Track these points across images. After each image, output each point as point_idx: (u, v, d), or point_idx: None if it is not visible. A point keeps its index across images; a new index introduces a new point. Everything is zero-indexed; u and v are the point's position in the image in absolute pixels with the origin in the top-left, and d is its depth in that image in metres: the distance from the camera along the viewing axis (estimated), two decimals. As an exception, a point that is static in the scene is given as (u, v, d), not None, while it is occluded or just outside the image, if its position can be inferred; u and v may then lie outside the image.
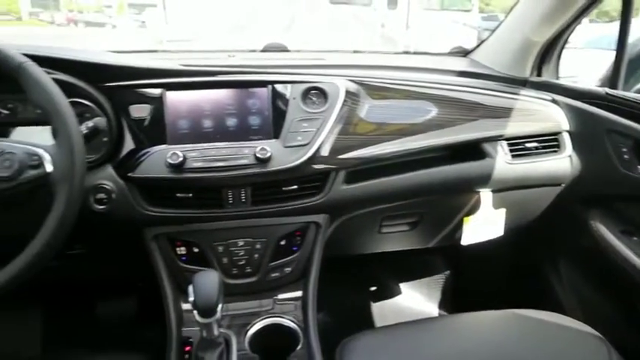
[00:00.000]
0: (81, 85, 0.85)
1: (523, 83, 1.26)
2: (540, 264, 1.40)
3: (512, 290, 1.51)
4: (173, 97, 0.90)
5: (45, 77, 0.68)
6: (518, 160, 1.12)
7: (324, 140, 0.93)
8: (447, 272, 1.69)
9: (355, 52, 1.52)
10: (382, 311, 1.62)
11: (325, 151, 0.94)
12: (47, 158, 0.67)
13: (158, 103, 0.89)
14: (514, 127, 1.11)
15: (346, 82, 0.98)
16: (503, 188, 1.15)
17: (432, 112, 1.05)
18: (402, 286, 1.67)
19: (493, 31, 1.36)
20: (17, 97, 0.91)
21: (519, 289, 1.51)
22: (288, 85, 0.95)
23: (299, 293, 1.05)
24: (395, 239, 1.30)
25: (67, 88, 0.74)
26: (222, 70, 0.94)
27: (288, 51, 1.39)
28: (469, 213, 1.19)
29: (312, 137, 0.92)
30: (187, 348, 0.92)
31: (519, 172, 1.13)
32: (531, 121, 1.13)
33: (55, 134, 0.68)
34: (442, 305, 1.67)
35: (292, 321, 1.01)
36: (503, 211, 1.19)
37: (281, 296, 1.05)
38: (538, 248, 1.42)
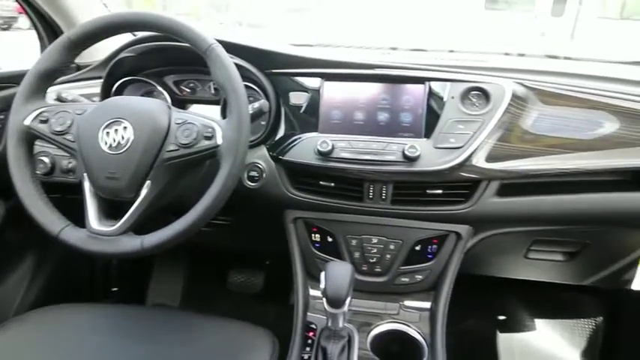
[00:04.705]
0: (251, 69, 0.92)
1: None
2: None
3: None
4: (330, 88, 0.92)
5: (229, 60, 0.75)
6: None
7: (479, 145, 0.85)
8: (599, 318, 1.43)
9: (520, 55, 1.38)
10: (509, 345, 1.44)
11: (479, 158, 0.86)
12: (219, 131, 0.73)
13: (316, 92, 0.92)
14: None
15: (513, 84, 0.89)
16: None
17: (613, 127, 0.88)
18: (538, 323, 1.47)
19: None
20: (197, 77, 1.03)
21: None
22: (447, 84, 0.90)
23: (427, 304, 0.99)
24: (543, 269, 1.15)
25: (240, 72, 0.78)
26: (381, 64, 0.93)
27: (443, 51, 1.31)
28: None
29: (467, 141, 0.85)
30: (310, 333, 0.94)
31: None
32: None
33: (227, 111, 0.75)
34: (586, 355, 1.42)
35: (418, 332, 0.95)
36: None
37: (408, 303, 1.00)
38: None
